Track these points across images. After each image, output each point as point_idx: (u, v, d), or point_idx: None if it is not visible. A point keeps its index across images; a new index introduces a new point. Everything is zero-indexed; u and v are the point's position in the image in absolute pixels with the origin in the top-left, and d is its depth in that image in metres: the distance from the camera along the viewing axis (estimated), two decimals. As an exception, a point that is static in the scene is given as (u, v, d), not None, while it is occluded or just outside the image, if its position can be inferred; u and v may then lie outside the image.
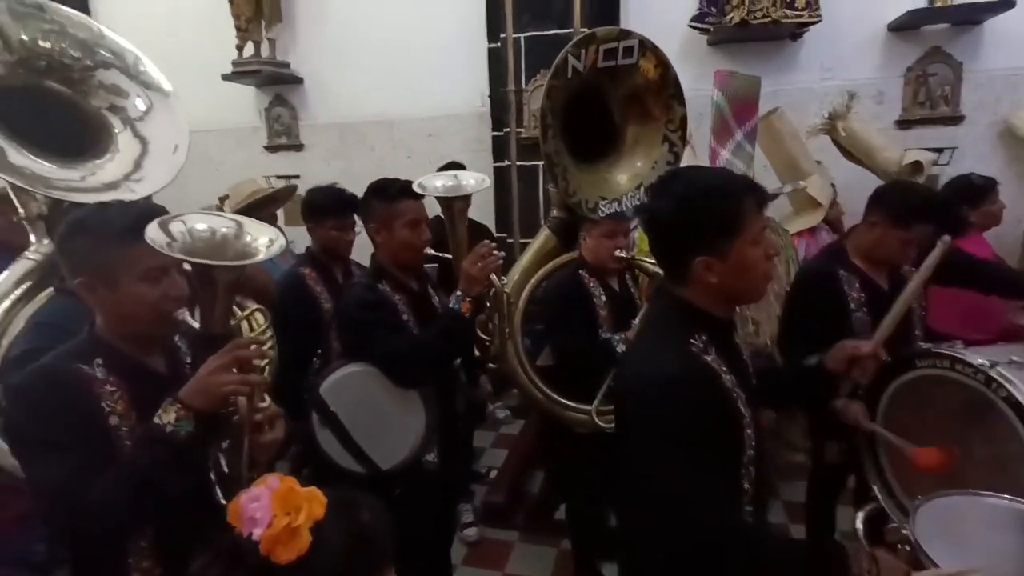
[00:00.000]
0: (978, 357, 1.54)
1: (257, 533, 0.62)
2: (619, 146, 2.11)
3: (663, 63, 1.94)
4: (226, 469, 1.14)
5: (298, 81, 4.79)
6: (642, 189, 1.96)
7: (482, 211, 3.92)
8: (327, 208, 2.33)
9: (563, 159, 1.94)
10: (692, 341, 1.00)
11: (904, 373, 1.74)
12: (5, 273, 1.53)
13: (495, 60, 4.16)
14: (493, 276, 1.68)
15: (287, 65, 4.72)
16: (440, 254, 1.91)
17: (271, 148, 5.00)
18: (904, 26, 3.68)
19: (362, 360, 1.65)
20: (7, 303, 1.49)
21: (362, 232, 2.06)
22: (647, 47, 1.89)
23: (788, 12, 3.57)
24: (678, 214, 0.99)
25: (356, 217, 2.32)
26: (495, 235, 4.09)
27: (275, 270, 2.29)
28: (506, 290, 1.76)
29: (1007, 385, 1.45)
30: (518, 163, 4.05)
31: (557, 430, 2.14)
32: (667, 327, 1.05)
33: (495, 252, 1.67)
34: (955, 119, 3.72)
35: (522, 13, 3.96)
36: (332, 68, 4.72)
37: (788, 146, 3.25)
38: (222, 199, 3.42)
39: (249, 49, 4.55)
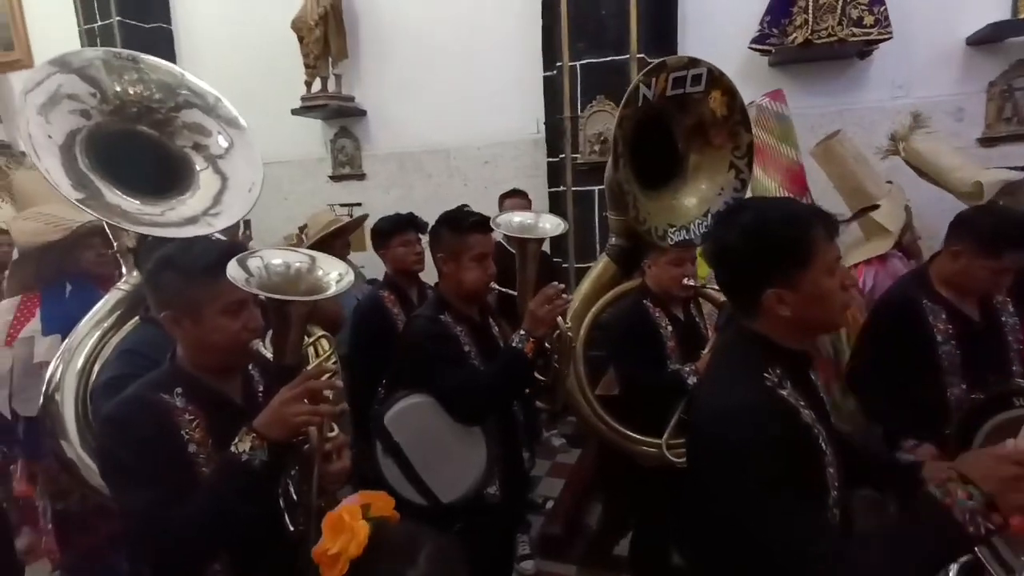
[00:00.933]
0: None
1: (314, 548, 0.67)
2: (683, 172, 2.09)
3: (731, 91, 1.92)
4: (295, 497, 1.16)
5: (362, 113, 5.00)
6: (709, 215, 1.91)
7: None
8: (390, 229, 2.49)
9: (632, 186, 1.93)
10: (766, 375, 0.96)
11: (1000, 412, 1.60)
12: (100, 303, 1.64)
13: (550, 87, 4.21)
14: (559, 319, 1.67)
15: (352, 99, 4.93)
16: (505, 289, 1.92)
17: (335, 178, 5.22)
18: (985, 39, 3.48)
19: (425, 391, 1.66)
20: (100, 331, 1.60)
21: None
22: (715, 74, 1.88)
23: (855, 30, 3.46)
24: (746, 245, 0.97)
25: (420, 235, 2.43)
26: (552, 259, 4.10)
27: (346, 298, 2.37)
28: (568, 324, 1.74)
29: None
30: (573, 188, 4.06)
31: (617, 461, 2.09)
32: (739, 360, 1.02)
33: (563, 295, 1.66)
34: (1045, 135, 3.47)
35: (577, 41, 4.00)
36: (393, 100, 4.91)
37: (852, 169, 3.10)
38: (302, 229, 3.58)
39: (317, 85, 4.80)
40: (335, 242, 2.79)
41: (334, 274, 1.15)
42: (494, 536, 1.77)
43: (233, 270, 1.07)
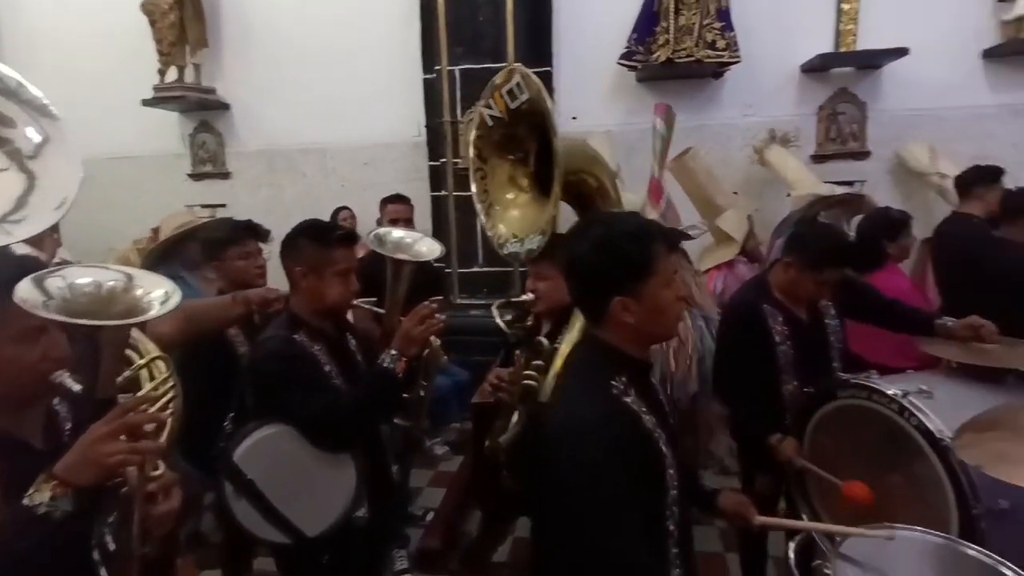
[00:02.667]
0: (892, 387, 1.61)
1: None
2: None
3: (540, 90, 1.89)
4: (112, 547, 1.02)
5: (224, 107, 4.63)
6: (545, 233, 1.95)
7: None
8: (225, 239, 2.17)
9: (489, 196, 1.94)
10: (613, 383, 1.02)
11: (826, 403, 1.80)
12: None
13: (431, 91, 4.16)
14: (432, 338, 1.62)
15: (212, 91, 4.56)
16: (372, 308, 1.83)
17: (196, 176, 4.79)
18: (815, 68, 3.94)
19: (280, 421, 1.51)
20: None
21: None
22: (523, 75, 1.77)
23: (710, 52, 3.76)
24: (596, 257, 1.02)
25: (261, 245, 2.22)
26: (433, 264, 4.05)
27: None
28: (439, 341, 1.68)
29: (918, 414, 1.51)
30: (455, 193, 4.05)
31: (495, 466, 2.09)
32: (590, 369, 1.08)
33: (438, 315, 1.61)
34: (862, 154, 3.99)
35: (456, 46, 3.99)
36: (262, 95, 4.60)
37: (703, 183, 3.39)
38: (155, 230, 3.22)
39: (172, 74, 4.37)
40: (190, 246, 2.48)
41: (157, 293, 1.02)
42: (363, 559, 1.69)
43: (25, 292, 0.91)
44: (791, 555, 1.46)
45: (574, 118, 4.20)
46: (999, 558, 1.17)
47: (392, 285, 1.87)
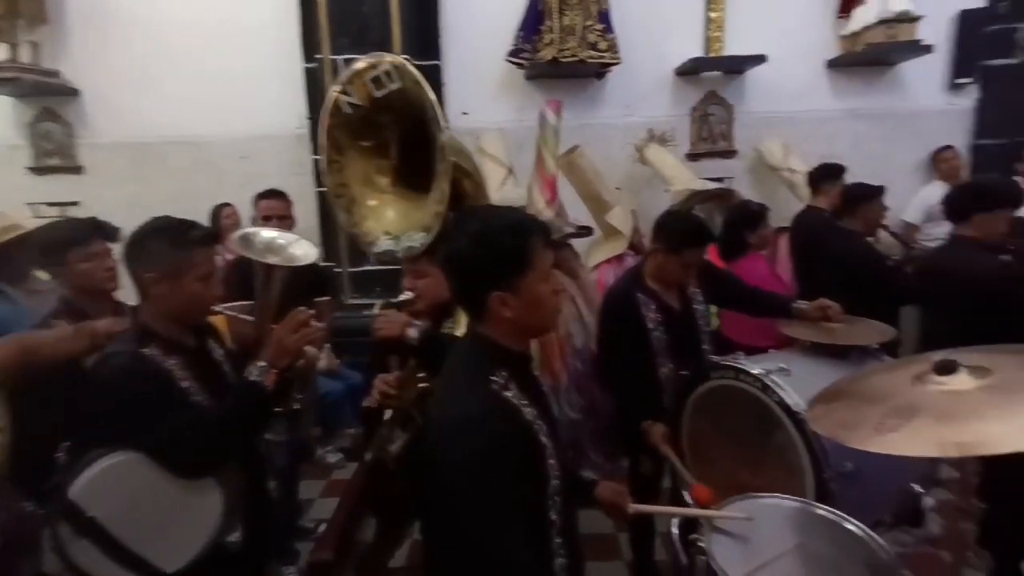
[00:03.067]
0: (755, 366, 1.75)
1: None
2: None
3: (418, 82, 1.76)
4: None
5: (72, 93, 4.12)
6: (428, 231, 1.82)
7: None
8: (67, 240, 1.91)
9: (348, 190, 1.85)
10: (493, 378, 1.02)
11: (700, 385, 1.92)
12: None
13: (313, 81, 3.96)
14: (307, 347, 1.52)
15: (56, 74, 4.03)
16: (239, 315, 1.68)
17: (39, 170, 4.22)
18: (687, 71, 4.21)
19: (127, 448, 1.32)
20: None
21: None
22: (398, 65, 1.76)
23: (593, 53, 3.90)
24: (474, 251, 1.02)
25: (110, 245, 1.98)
26: (322, 264, 3.86)
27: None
28: (315, 350, 1.58)
29: (778, 390, 1.65)
30: (342, 189, 3.88)
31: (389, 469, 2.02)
32: (470, 364, 1.07)
33: (314, 323, 1.50)
34: (730, 153, 4.33)
35: (340, 36, 3.83)
36: (121, 81, 4.16)
37: (590, 180, 3.50)
38: None
39: (3, 52, 3.81)
40: (15, 256, 2.12)
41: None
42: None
43: None
44: (674, 531, 1.56)
45: (465, 113, 4.20)
46: (844, 515, 1.30)
47: (262, 291, 1.72)
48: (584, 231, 2.99)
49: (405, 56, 3.77)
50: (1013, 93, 4.17)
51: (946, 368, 1.19)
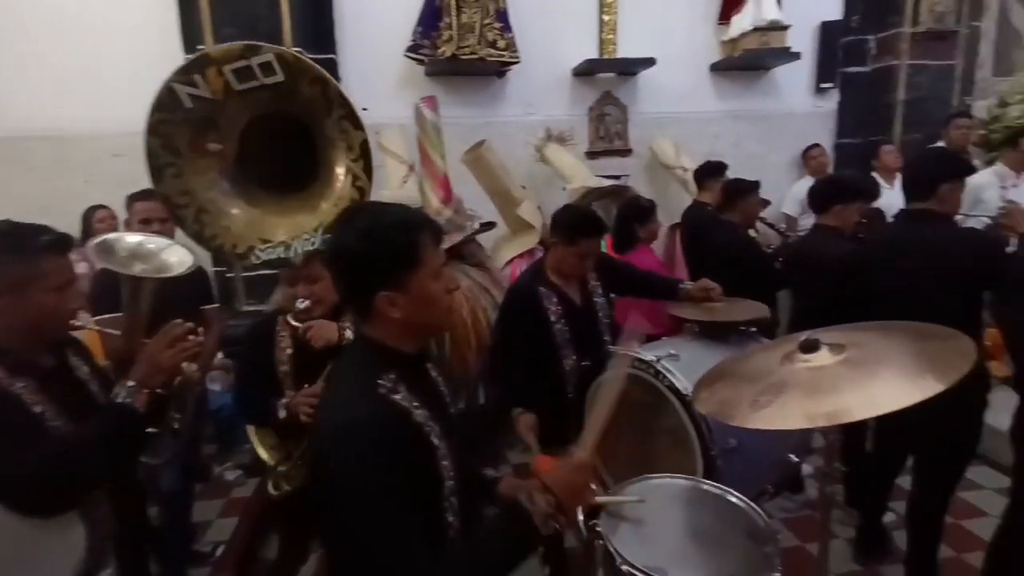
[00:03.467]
0: (648, 353, 1.84)
1: None
2: (317, 179, 1.87)
3: (320, 79, 1.70)
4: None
5: None
6: (320, 231, 1.78)
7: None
8: None
9: (195, 199, 1.70)
10: (380, 382, 0.98)
11: (600, 373, 1.99)
12: None
13: (194, 74, 3.68)
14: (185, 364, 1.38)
15: None
16: (105, 329, 1.51)
17: None
18: (583, 72, 4.34)
19: None
20: None
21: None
22: (289, 59, 1.66)
23: (492, 51, 3.92)
24: (362, 248, 0.97)
25: None
26: (211, 269, 3.61)
27: None
28: (194, 367, 1.43)
29: (668, 375, 1.75)
30: (233, 189, 3.64)
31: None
32: (356, 369, 1.03)
33: (192, 336, 1.37)
34: (626, 152, 4.52)
35: (227, 26, 3.59)
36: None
37: (499, 175, 3.53)
38: None
39: None
40: None
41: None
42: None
43: None
44: (579, 516, 1.61)
45: (364, 109, 4.05)
46: (727, 488, 1.39)
47: (129, 304, 1.56)
48: (487, 226, 3.01)
49: (298, 49, 3.65)
50: (867, 98, 4.67)
51: (809, 347, 1.30)
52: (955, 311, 1.67)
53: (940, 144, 3.93)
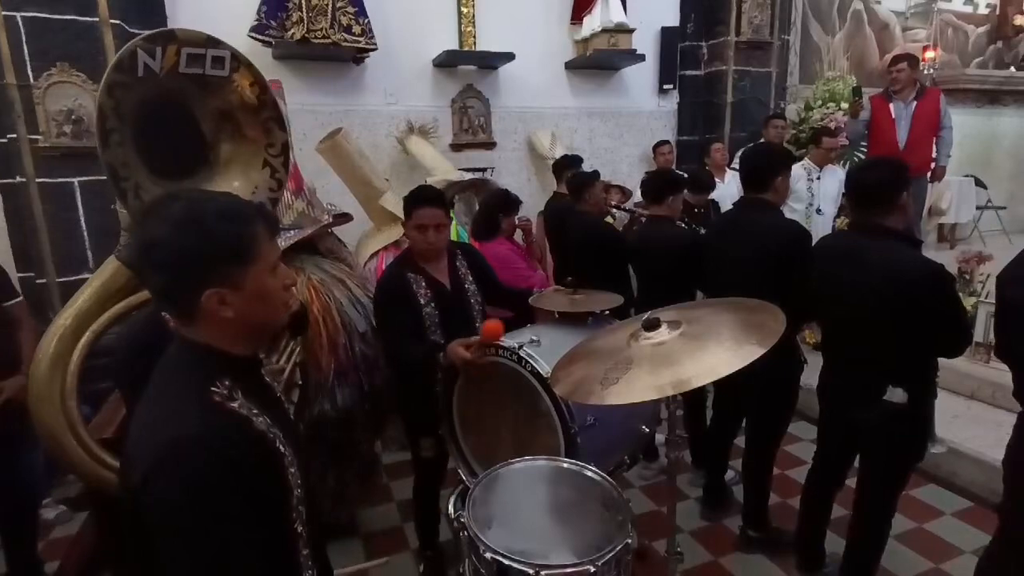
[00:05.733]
0: (511, 340, 1.87)
1: None
2: (211, 163, 1.91)
3: (260, 84, 1.86)
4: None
5: None
6: None
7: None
8: None
9: (134, 172, 1.68)
10: (214, 389, 0.87)
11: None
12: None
13: (-20, 42, 3.10)
14: None
15: None
16: None
17: None
18: (444, 63, 4.31)
19: None
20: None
21: None
22: (241, 62, 1.82)
23: (347, 36, 3.75)
24: (182, 240, 0.85)
25: None
26: (17, 275, 3.09)
27: None
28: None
29: (531, 361, 1.79)
30: (39, 180, 3.14)
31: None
32: (181, 379, 0.90)
33: None
34: (490, 144, 4.57)
35: (22, -13, 3.07)
36: None
37: (358, 164, 3.40)
38: None
39: None
40: None
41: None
42: None
43: None
44: (450, 509, 1.61)
45: (203, 94, 3.70)
46: (583, 464, 1.47)
47: None
48: (342, 218, 2.88)
49: (119, 21, 3.24)
50: (701, 99, 5.15)
51: (651, 325, 1.41)
52: (772, 287, 1.90)
53: (762, 142, 4.46)
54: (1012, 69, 6.72)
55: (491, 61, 4.38)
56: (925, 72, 5.22)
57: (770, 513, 2.55)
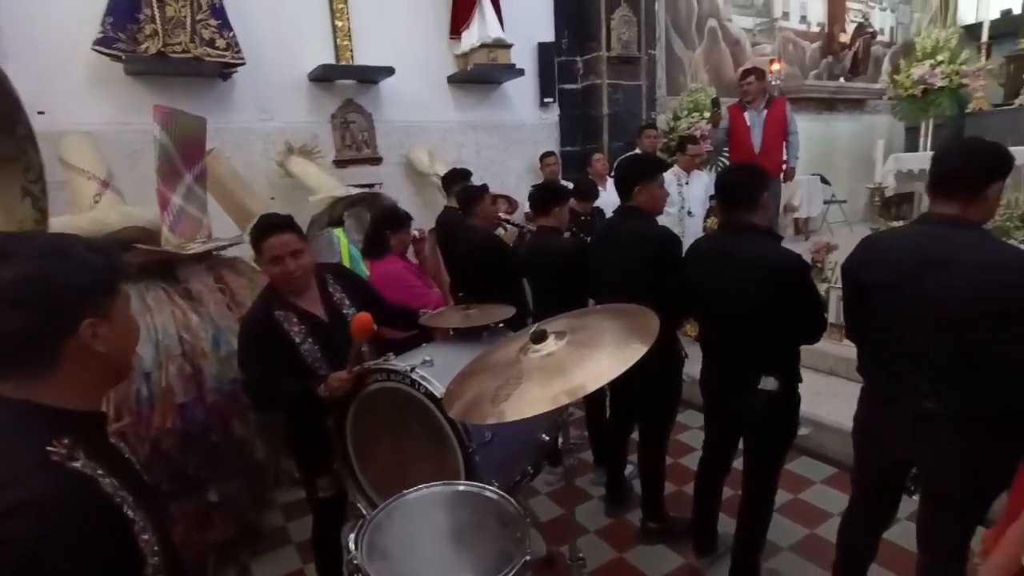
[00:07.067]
0: (403, 363, 1.83)
1: None
2: None
3: (10, 96, 1.61)
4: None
5: None
6: None
7: None
8: None
9: None
10: (51, 448, 0.77)
11: (358, 392, 1.92)
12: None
13: None
14: None
15: None
16: None
17: None
18: (320, 78, 4.16)
19: None
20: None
21: None
22: None
23: (210, 50, 3.51)
24: (56, 271, 0.80)
25: None
26: None
27: None
28: None
29: (424, 383, 1.76)
30: None
31: None
32: (15, 437, 0.79)
33: None
34: (376, 160, 4.48)
35: None
36: None
37: (232, 187, 3.19)
38: None
39: None
40: None
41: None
42: None
43: None
44: (351, 545, 1.52)
45: (41, 112, 3.30)
46: (481, 484, 1.46)
47: None
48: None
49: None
50: (580, 111, 5.38)
51: (538, 337, 1.43)
52: (649, 290, 2.01)
53: (636, 151, 4.73)
54: (841, 80, 7.65)
55: (371, 75, 4.30)
56: (772, 83, 5.80)
57: (667, 503, 2.68)
